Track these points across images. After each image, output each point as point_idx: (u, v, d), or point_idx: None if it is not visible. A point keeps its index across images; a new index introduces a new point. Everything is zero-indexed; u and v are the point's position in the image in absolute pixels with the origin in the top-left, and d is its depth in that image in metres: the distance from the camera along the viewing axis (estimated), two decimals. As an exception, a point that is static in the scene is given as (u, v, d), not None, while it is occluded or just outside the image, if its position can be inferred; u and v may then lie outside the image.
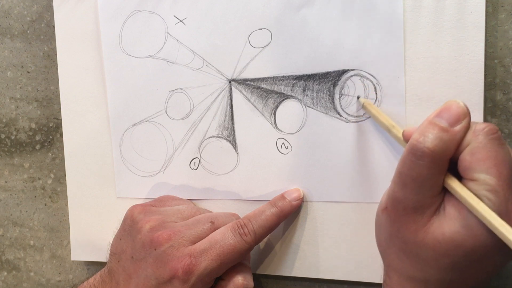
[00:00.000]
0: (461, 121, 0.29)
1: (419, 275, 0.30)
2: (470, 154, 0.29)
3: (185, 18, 0.42)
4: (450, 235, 0.29)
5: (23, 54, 0.48)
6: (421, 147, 0.29)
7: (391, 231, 0.31)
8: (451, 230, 0.29)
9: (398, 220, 0.30)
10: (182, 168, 0.44)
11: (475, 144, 0.29)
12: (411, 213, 0.30)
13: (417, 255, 0.30)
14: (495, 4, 0.36)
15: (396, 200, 0.30)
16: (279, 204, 0.39)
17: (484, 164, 0.28)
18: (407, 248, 0.30)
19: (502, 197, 0.27)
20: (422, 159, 0.29)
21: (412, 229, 0.30)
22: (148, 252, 0.37)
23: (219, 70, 0.42)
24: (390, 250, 0.32)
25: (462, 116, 0.29)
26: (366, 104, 0.37)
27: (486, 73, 0.36)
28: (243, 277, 0.38)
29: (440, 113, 0.30)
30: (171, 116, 0.43)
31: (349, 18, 0.38)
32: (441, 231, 0.29)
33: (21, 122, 0.49)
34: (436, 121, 0.29)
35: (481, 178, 0.28)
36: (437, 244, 0.29)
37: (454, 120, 0.29)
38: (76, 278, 0.50)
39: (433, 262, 0.29)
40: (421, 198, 0.29)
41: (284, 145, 0.41)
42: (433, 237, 0.29)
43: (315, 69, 0.39)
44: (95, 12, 0.44)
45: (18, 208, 0.51)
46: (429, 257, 0.29)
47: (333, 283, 0.42)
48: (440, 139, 0.29)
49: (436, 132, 0.29)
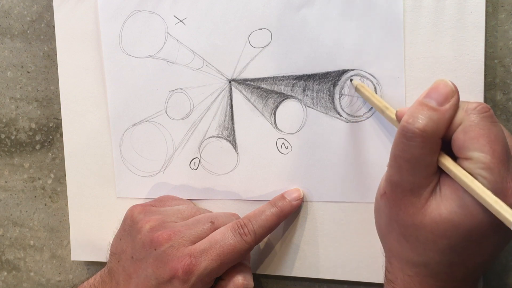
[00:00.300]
0: (450, 99, 0.29)
1: (419, 258, 0.30)
2: (463, 133, 0.29)
3: (185, 18, 0.42)
4: (447, 215, 0.29)
5: (23, 54, 0.48)
6: (411, 128, 0.29)
7: (390, 216, 0.31)
8: (447, 210, 0.29)
9: (397, 204, 0.30)
10: (182, 168, 0.44)
11: (468, 123, 0.29)
12: (408, 195, 0.30)
13: (416, 238, 0.30)
14: (495, 4, 0.36)
15: (393, 184, 0.30)
16: (279, 204, 0.39)
17: (477, 142, 0.28)
18: (406, 232, 0.30)
19: (497, 174, 0.28)
20: (413, 140, 0.29)
21: (410, 212, 0.30)
22: (148, 252, 0.37)
23: (219, 70, 0.42)
24: (390, 235, 0.32)
25: (450, 94, 0.29)
26: (359, 86, 0.37)
27: (486, 73, 0.36)
28: (243, 277, 0.38)
29: (429, 93, 0.30)
30: (171, 116, 0.43)
31: (349, 18, 0.38)
32: (438, 212, 0.29)
33: (21, 122, 0.49)
34: (425, 101, 0.29)
35: (475, 156, 0.28)
36: (434, 225, 0.29)
37: (442, 99, 0.29)
38: (76, 278, 0.50)
39: (432, 244, 0.29)
40: (417, 179, 0.29)
41: (284, 145, 0.41)
42: (430, 219, 0.29)
43: (315, 69, 0.39)
44: (95, 12, 0.44)
45: (18, 208, 0.51)
46: (428, 239, 0.30)
47: (333, 283, 0.42)
48: (430, 119, 0.29)
49: (426, 112, 0.29)
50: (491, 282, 0.39)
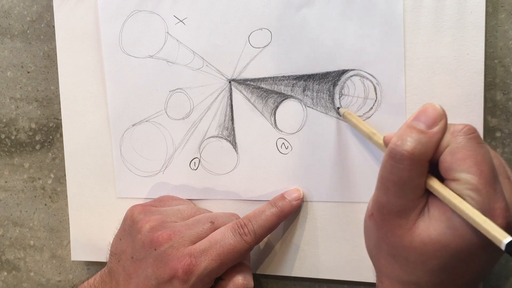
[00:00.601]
0: (438, 122, 0.29)
1: (409, 278, 0.30)
2: (450, 155, 0.29)
3: (185, 18, 0.42)
4: (436, 236, 0.29)
5: (23, 54, 0.48)
6: (400, 150, 0.29)
7: (378, 237, 0.31)
8: (436, 231, 0.29)
9: (384, 225, 0.31)
10: (182, 168, 0.44)
11: (455, 145, 0.29)
12: (396, 217, 0.30)
13: (406, 259, 0.30)
14: (495, 4, 0.36)
15: (380, 205, 0.31)
16: (279, 204, 0.39)
17: (464, 164, 0.28)
18: (395, 253, 0.31)
19: (485, 195, 0.28)
20: (401, 162, 0.29)
21: (399, 233, 0.30)
22: (148, 252, 0.37)
23: (219, 70, 0.42)
24: (379, 255, 0.32)
25: (438, 118, 0.30)
26: (346, 114, 0.38)
27: (486, 73, 0.36)
28: (243, 276, 0.38)
29: (417, 116, 0.30)
30: (171, 116, 0.43)
31: (349, 18, 0.38)
32: (427, 233, 0.29)
33: (21, 122, 0.49)
34: (414, 124, 0.30)
35: (462, 178, 0.28)
36: (424, 246, 0.29)
37: (431, 122, 0.29)
38: (76, 278, 0.50)
39: (422, 264, 0.30)
40: (404, 201, 0.30)
41: (284, 145, 0.41)
42: (419, 240, 0.29)
43: (315, 69, 0.39)
44: (95, 12, 0.44)
45: (18, 208, 0.51)
46: (417, 260, 0.30)
47: (333, 283, 0.42)
48: (419, 142, 0.29)
49: (414, 134, 0.29)
50: (491, 282, 0.39)
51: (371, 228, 0.32)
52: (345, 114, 0.38)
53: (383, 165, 0.30)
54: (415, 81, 0.37)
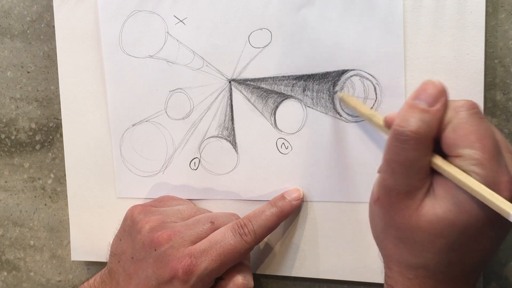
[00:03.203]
0: (439, 99, 0.29)
1: (418, 261, 0.30)
2: (452, 131, 0.29)
3: (185, 18, 0.42)
4: (442, 214, 0.29)
5: (23, 54, 0.48)
6: (405, 131, 0.29)
7: (385, 221, 0.31)
8: (442, 209, 0.29)
9: (392, 208, 0.30)
10: (182, 168, 0.44)
11: (457, 121, 0.29)
12: (403, 198, 0.30)
13: (414, 240, 0.30)
14: (495, 4, 0.36)
15: (387, 188, 0.30)
16: (279, 204, 0.39)
17: (467, 139, 0.28)
18: (403, 235, 0.30)
19: (489, 169, 0.28)
20: (407, 142, 0.29)
21: (406, 214, 0.30)
22: (148, 253, 0.37)
23: (219, 70, 0.42)
24: (387, 240, 0.32)
25: (439, 95, 0.30)
26: (344, 97, 0.38)
27: (486, 73, 0.36)
28: (243, 276, 0.38)
29: (418, 94, 0.30)
30: (171, 116, 0.43)
31: (349, 18, 0.38)
32: (433, 212, 0.29)
33: (21, 122, 0.49)
34: (416, 104, 0.29)
35: (466, 154, 0.28)
36: (431, 225, 0.29)
37: (432, 100, 0.29)
38: (76, 278, 0.50)
39: (430, 244, 0.30)
40: (412, 181, 0.29)
41: (284, 145, 0.41)
42: (426, 219, 0.29)
43: (315, 69, 0.39)
44: (95, 12, 0.44)
45: (18, 208, 0.51)
46: (425, 240, 0.30)
47: (333, 283, 0.42)
48: (422, 121, 0.29)
49: (417, 114, 0.29)
50: (491, 282, 0.39)
51: (377, 213, 0.32)
52: (343, 97, 0.38)
53: (388, 147, 0.30)
54: (415, 81, 0.37)
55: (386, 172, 0.30)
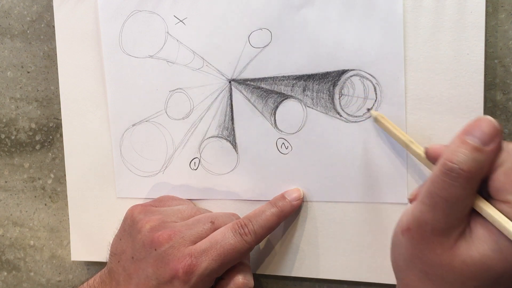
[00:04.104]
0: (494, 139, 0.28)
1: None
2: (504, 175, 0.28)
3: (185, 18, 0.42)
4: (479, 258, 0.28)
5: (23, 54, 0.48)
6: (456, 168, 0.28)
7: (413, 253, 0.30)
8: (479, 253, 0.28)
9: (423, 242, 0.29)
10: (182, 168, 0.44)
11: (510, 165, 0.28)
12: (438, 235, 0.29)
13: (442, 278, 0.29)
14: (495, 4, 0.36)
15: (423, 221, 0.29)
16: (279, 204, 0.39)
17: None
18: (430, 271, 0.30)
19: None
20: (456, 180, 0.28)
21: (438, 251, 0.29)
22: (149, 252, 0.37)
23: (219, 70, 0.42)
24: (409, 271, 0.31)
25: (494, 134, 0.28)
26: (379, 117, 0.37)
27: (486, 73, 0.36)
28: (243, 276, 0.38)
29: (471, 130, 0.28)
30: (171, 116, 0.43)
31: (349, 18, 0.38)
32: (469, 253, 0.28)
33: (21, 122, 0.49)
34: (469, 140, 0.28)
35: None
36: (464, 267, 0.28)
37: (487, 139, 0.28)
38: (76, 278, 0.50)
39: (459, 285, 0.29)
40: (450, 220, 0.28)
41: (284, 145, 0.41)
42: (460, 260, 0.28)
43: (315, 69, 0.39)
44: (95, 12, 0.44)
45: (18, 208, 0.51)
46: (456, 280, 0.29)
47: (333, 283, 0.42)
48: (475, 160, 0.28)
49: (470, 151, 0.28)
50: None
51: (404, 243, 0.31)
52: (377, 118, 0.37)
53: (434, 181, 0.29)
54: (415, 81, 0.37)
55: (425, 204, 0.29)
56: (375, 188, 0.39)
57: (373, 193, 0.39)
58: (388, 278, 0.39)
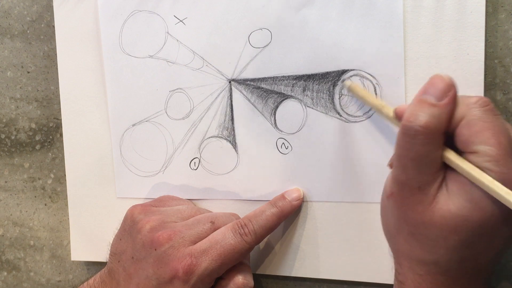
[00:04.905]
0: (448, 93, 0.29)
1: (430, 256, 0.30)
2: (467, 127, 0.29)
3: (185, 18, 0.42)
4: (456, 211, 0.29)
5: (23, 54, 0.48)
6: (414, 125, 0.29)
7: (398, 216, 0.31)
8: (456, 205, 0.29)
9: (405, 203, 0.30)
10: (182, 168, 0.44)
11: (471, 117, 0.29)
12: (416, 193, 0.30)
13: (426, 236, 0.30)
14: (495, 4, 0.36)
15: (400, 183, 0.30)
16: (279, 204, 0.39)
17: (482, 136, 0.28)
18: (415, 230, 0.30)
19: (504, 166, 0.28)
20: (416, 137, 0.29)
21: (419, 209, 0.30)
22: (149, 252, 0.37)
23: (219, 70, 0.42)
24: (398, 235, 0.32)
25: (447, 89, 0.29)
26: (352, 86, 0.37)
27: (486, 73, 0.36)
28: (243, 276, 0.38)
29: (426, 89, 0.30)
30: (171, 116, 0.43)
31: (349, 18, 0.38)
32: (447, 207, 0.29)
33: (21, 122, 0.49)
34: (424, 98, 0.30)
35: (481, 150, 0.28)
36: (444, 221, 0.29)
37: (441, 94, 0.29)
38: (76, 278, 0.50)
39: (442, 240, 0.29)
40: (424, 176, 0.29)
41: (284, 145, 0.41)
42: (439, 215, 0.29)
43: (315, 69, 0.39)
44: (95, 12, 0.44)
45: (18, 208, 0.51)
46: (437, 236, 0.29)
47: (333, 283, 0.42)
48: (431, 115, 0.29)
49: (426, 108, 0.29)
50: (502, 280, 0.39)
51: (390, 208, 0.32)
52: (351, 87, 0.37)
53: (398, 143, 0.30)
54: (415, 81, 0.37)
55: (398, 167, 0.30)
56: (375, 188, 0.39)
57: (373, 193, 0.39)
58: (388, 278, 0.39)
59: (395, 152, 0.31)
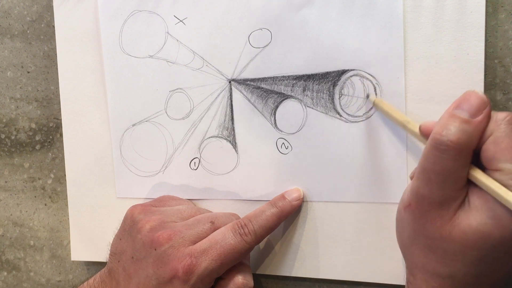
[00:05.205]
0: (482, 111, 0.29)
1: (445, 270, 0.30)
2: (493, 144, 0.28)
3: (185, 18, 0.42)
4: (477, 227, 0.28)
5: (23, 54, 0.48)
6: (445, 140, 0.28)
7: (415, 228, 0.31)
8: (477, 221, 0.28)
9: (423, 216, 0.30)
10: (182, 168, 0.44)
11: (498, 134, 0.28)
12: (436, 208, 0.30)
13: (444, 250, 0.30)
14: (495, 4, 0.36)
15: (420, 196, 0.30)
16: (279, 204, 0.39)
17: (508, 153, 0.28)
18: (432, 244, 0.30)
19: None
20: (446, 152, 0.28)
21: (438, 224, 0.30)
22: (149, 252, 0.37)
23: (219, 70, 0.42)
24: (414, 247, 0.32)
25: (482, 106, 0.29)
26: (377, 101, 0.37)
27: (486, 73, 0.36)
28: (243, 276, 0.38)
29: (460, 104, 0.29)
30: (171, 116, 0.43)
31: (349, 18, 0.38)
32: (467, 223, 0.29)
33: (21, 122, 0.49)
34: (457, 113, 0.29)
35: (506, 168, 0.28)
36: (464, 237, 0.29)
37: (475, 111, 0.29)
38: (76, 278, 0.50)
39: (461, 255, 0.29)
40: (447, 192, 0.29)
41: (284, 145, 0.41)
42: (459, 230, 0.29)
43: (315, 69, 0.39)
44: (95, 12, 0.44)
45: (18, 208, 0.51)
46: (456, 251, 0.29)
47: (333, 283, 0.42)
48: (463, 131, 0.28)
49: (458, 124, 0.29)
50: None
51: (406, 219, 0.32)
52: (376, 102, 0.37)
53: (425, 155, 0.29)
54: (415, 81, 0.37)
55: (420, 180, 0.30)
56: (375, 188, 0.39)
57: (373, 193, 0.39)
58: (388, 278, 0.39)
59: (420, 164, 0.30)
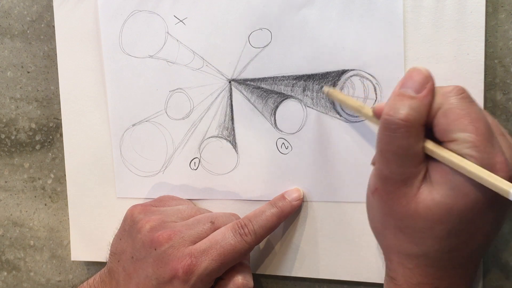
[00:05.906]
0: (426, 85, 0.30)
1: (418, 249, 0.30)
2: (444, 117, 0.29)
3: (185, 18, 0.42)
4: (440, 199, 0.29)
5: (23, 54, 0.48)
6: (394, 119, 0.29)
7: (384, 211, 0.31)
8: (440, 195, 0.29)
9: (390, 198, 0.31)
10: (182, 168, 0.44)
11: (447, 106, 0.29)
12: (400, 186, 0.30)
13: (413, 228, 0.30)
14: (495, 4, 0.36)
15: (383, 178, 0.31)
16: (279, 204, 0.39)
17: (459, 123, 0.28)
18: (402, 224, 0.30)
19: (483, 151, 0.28)
20: (397, 131, 0.29)
21: (404, 202, 0.30)
22: (149, 252, 0.37)
23: (219, 70, 0.42)
24: (386, 230, 0.32)
25: (425, 81, 0.30)
26: (330, 92, 0.38)
27: (486, 73, 0.36)
28: (243, 276, 0.38)
29: (404, 83, 0.30)
30: (171, 116, 0.43)
31: (349, 18, 0.38)
32: (431, 198, 0.29)
33: (21, 122, 0.49)
34: (402, 92, 0.30)
35: (459, 137, 0.28)
36: (429, 211, 0.29)
37: (419, 86, 0.30)
38: (76, 278, 0.50)
39: (429, 231, 0.30)
40: (407, 169, 0.30)
41: (284, 145, 0.41)
42: (424, 206, 0.29)
43: (315, 69, 0.39)
44: (95, 12, 0.44)
45: (18, 208, 0.51)
46: (424, 227, 0.30)
47: (333, 283, 0.42)
48: (410, 107, 0.29)
49: (405, 101, 0.29)
50: (491, 282, 0.39)
51: (375, 204, 0.32)
52: (329, 92, 0.38)
53: (380, 138, 0.30)
54: (415, 81, 0.37)
55: (380, 162, 0.31)
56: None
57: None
58: (388, 278, 0.39)
59: (377, 147, 0.31)
